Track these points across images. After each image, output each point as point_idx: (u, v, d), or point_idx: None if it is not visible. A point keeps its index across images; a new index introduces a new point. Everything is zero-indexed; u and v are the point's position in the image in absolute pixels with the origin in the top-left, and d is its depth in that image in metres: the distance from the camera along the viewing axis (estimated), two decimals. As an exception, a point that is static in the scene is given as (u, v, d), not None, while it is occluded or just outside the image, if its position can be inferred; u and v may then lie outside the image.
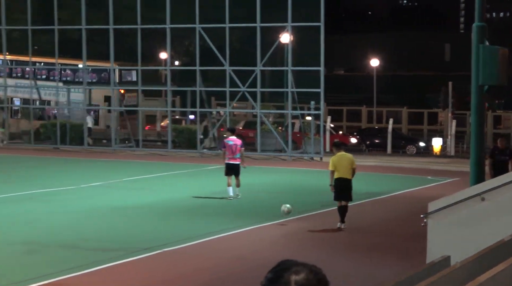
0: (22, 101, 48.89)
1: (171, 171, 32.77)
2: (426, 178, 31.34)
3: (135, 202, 23.50)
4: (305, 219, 21.23)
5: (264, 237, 18.67)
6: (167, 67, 44.11)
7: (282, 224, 20.23)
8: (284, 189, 27.58)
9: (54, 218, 20.63)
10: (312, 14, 38.93)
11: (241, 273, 14.87)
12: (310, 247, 17.35)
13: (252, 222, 20.36)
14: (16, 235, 18.09)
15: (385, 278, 13.44)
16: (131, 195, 25.10)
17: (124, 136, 44.44)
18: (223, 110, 42.95)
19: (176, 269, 15.26)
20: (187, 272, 15.05)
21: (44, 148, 42.75)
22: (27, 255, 16.15)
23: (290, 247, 17.25)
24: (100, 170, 32.96)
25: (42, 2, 49.35)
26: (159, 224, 19.95)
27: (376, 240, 18.70)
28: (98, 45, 55.45)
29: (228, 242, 18.01)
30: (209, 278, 14.62)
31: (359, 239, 18.81)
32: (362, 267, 15.55)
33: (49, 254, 16.27)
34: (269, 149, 39.95)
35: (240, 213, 21.88)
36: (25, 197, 24.42)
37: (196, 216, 21.17)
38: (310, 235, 18.95)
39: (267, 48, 39.23)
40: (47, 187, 26.48)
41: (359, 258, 16.52)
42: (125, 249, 16.50)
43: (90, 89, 45.96)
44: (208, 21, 43.52)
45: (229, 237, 18.52)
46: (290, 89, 38.74)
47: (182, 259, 16.04)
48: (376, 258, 16.55)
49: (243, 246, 17.56)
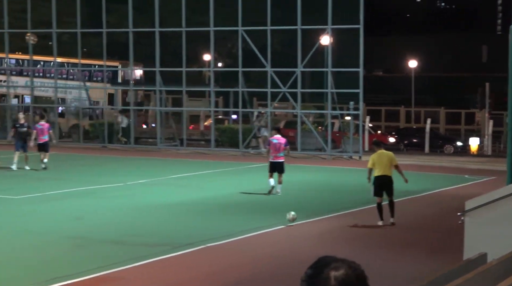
0: (70, 101, 49.35)
1: (214, 169, 32.81)
2: (463, 177, 31.02)
3: (179, 199, 23.57)
4: (343, 216, 21.12)
5: (302, 234, 18.59)
6: (211, 69, 44.21)
7: (320, 222, 20.15)
8: (323, 187, 27.50)
9: (102, 214, 20.76)
10: (351, 16, 38.72)
11: (278, 269, 14.81)
12: (347, 244, 17.24)
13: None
14: (65, 231, 18.23)
15: (421, 274, 13.29)
16: (176, 192, 25.18)
17: (169, 135, 44.67)
18: (264, 110, 42.90)
19: (216, 264, 15.25)
20: (226, 267, 15.04)
21: (92, 146, 43.08)
22: (75, 249, 16.26)
23: (327, 244, 17.16)
24: (146, 168, 33.11)
25: (91, 7, 49.69)
26: (202, 220, 19.97)
27: (414, 237, 18.55)
28: (144, 47, 55.76)
29: (266, 239, 17.98)
30: (248, 273, 14.59)
31: (397, 236, 18.67)
32: (399, 264, 15.41)
33: (96, 249, 16.36)
34: (309, 148, 39.83)
35: (279, 211, 21.80)
36: (74, 194, 24.61)
37: (237, 213, 21.17)
38: (347, 233, 18.84)
39: (308, 50, 39.09)
40: (95, 184, 26.66)
41: (396, 254, 16.39)
42: (169, 244, 16.54)
43: (137, 89, 46.24)
44: (250, 23, 43.53)
45: (267, 234, 18.48)
46: (330, 90, 38.59)
47: (222, 255, 16.03)
48: (413, 254, 16.40)
49: (280, 243, 17.51)
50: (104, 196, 24.19)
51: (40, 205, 22.28)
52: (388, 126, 55.19)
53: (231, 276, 14.41)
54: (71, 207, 21.81)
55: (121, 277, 14.06)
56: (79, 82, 46.30)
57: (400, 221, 20.14)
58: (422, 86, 72.45)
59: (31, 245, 16.67)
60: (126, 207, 21.97)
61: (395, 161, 19.80)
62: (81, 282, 13.56)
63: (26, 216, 20.32)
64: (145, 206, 22.16)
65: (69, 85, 47.80)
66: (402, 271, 14.69)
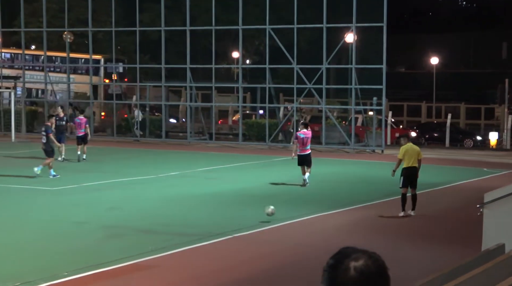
0: (105, 96, 49.72)
1: (242, 162, 32.90)
2: (482, 170, 30.88)
3: (209, 190, 23.66)
4: (366, 208, 21.12)
5: (327, 225, 18.62)
6: (239, 65, 44.38)
7: (345, 213, 20.18)
8: (347, 179, 27.50)
9: (134, 205, 20.90)
10: (375, 15, 38.62)
11: (304, 260, 14.85)
12: (371, 234, 17.25)
13: (316, 210, 20.34)
14: (99, 221, 18.38)
15: (442, 264, 13.30)
16: (205, 184, 25.28)
17: (198, 129, 44.87)
18: (290, 106, 42.92)
19: (245, 253, 15.32)
20: (256, 257, 15.11)
21: (125, 140, 43.33)
22: (110, 239, 16.40)
23: (351, 234, 17.17)
24: (176, 160, 33.27)
25: (125, 6, 49.99)
26: (231, 211, 20.04)
27: (434, 228, 18.53)
28: (175, 45, 55.97)
29: (294, 229, 18.02)
30: (278, 262, 14.64)
31: (418, 226, 18.65)
32: (421, 253, 15.40)
33: (130, 238, 16.49)
34: (333, 142, 39.80)
35: (306, 201, 21.88)
36: (108, 185, 24.80)
37: (265, 203, 21.19)
38: (370, 223, 18.85)
39: (333, 47, 39.07)
40: (128, 176, 26.84)
41: (417, 244, 16.37)
42: (199, 234, 16.62)
43: (168, 85, 46.44)
44: (277, 22, 43.60)
45: (294, 224, 18.52)
46: (354, 86, 38.54)
47: (251, 245, 16.08)
48: (434, 244, 16.38)
49: (307, 233, 17.55)
50: (137, 188, 24.36)
51: (77, 196, 22.46)
52: (410, 121, 54.98)
53: (261, 265, 14.47)
54: (106, 198, 21.97)
55: (153, 265, 14.16)
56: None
57: (421, 212, 20.11)
58: (443, 82, 72.00)
59: (69, 234, 16.84)
60: (158, 198, 22.11)
61: (421, 155, 20.04)
62: (115, 269, 13.68)
63: (64, 207, 20.51)
64: (176, 197, 22.29)
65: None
66: (423, 261, 14.68)
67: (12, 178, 25.91)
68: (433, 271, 10.90)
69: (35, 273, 13.22)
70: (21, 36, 47.25)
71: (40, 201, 21.47)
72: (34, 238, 16.34)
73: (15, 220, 18.57)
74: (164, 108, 44.07)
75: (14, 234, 16.88)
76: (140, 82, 44.65)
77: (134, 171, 28.38)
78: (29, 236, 16.57)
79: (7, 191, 23.11)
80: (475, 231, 15.52)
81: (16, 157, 32.96)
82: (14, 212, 19.83)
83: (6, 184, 24.52)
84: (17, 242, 16.00)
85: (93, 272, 13.42)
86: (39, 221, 18.37)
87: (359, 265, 3.14)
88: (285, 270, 14.12)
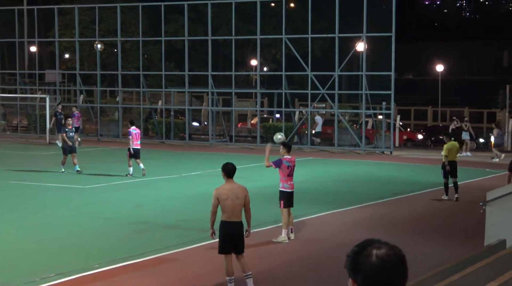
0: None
1: (260, 162, 32.78)
2: (485, 170, 30.66)
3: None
4: (376, 206, 21.03)
5: (338, 222, 18.55)
6: (257, 72, 44.34)
7: (355, 210, 20.09)
8: (358, 179, 27.38)
9: (159, 202, 20.92)
10: (384, 25, 38.47)
11: (317, 255, 14.80)
12: (380, 230, 17.15)
13: (328, 208, 20.27)
14: (126, 217, 18.40)
15: (447, 258, 13.19)
16: (226, 183, 25.18)
17: (219, 132, 44.92)
18: (305, 110, 42.83)
19: (260, 249, 15.28)
20: (274, 251, 15.07)
21: (152, 142, 43.39)
22: (136, 234, 16.42)
23: (363, 231, 17.07)
24: (199, 161, 33.26)
25: (152, 18, 50.11)
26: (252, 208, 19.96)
27: (440, 224, 18.40)
28: (198, 53, 56.05)
29: (306, 226, 17.95)
30: (296, 255, 14.60)
31: (425, 223, 18.54)
32: (427, 248, 15.29)
33: (154, 233, 16.50)
34: (345, 144, 39.69)
35: (318, 200, 21.81)
36: (134, 184, 24.84)
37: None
38: (380, 220, 18.74)
39: (344, 56, 38.96)
40: (154, 175, 26.86)
41: (424, 240, 16.27)
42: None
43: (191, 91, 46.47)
44: (293, 32, 43.54)
45: (307, 221, 18.46)
46: (364, 91, 38.40)
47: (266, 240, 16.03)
48: (439, 240, 16.27)
49: (319, 230, 17.49)
50: (161, 186, 24.38)
51: (106, 194, 22.52)
52: (417, 124, 54.70)
53: (279, 259, 14.44)
54: (132, 196, 22.01)
55: (176, 259, 14.16)
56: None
57: (429, 209, 19.99)
58: (448, 88, 71.65)
59: (98, 229, 16.87)
60: (181, 196, 22.11)
61: (459, 150, 22.30)
62: (141, 262, 13.70)
63: (94, 204, 20.55)
64: (198, 195, 22.26)
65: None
66: (429, 255, 14.58)
67: (46, 176, 26.02)
68: (439, 265, 10.82)
69: (67, 265, 13.24)
70: (55, 46, 47.46)
71: (73, 199, 21.51)
72: (67, 234, 16.38)
73: (50, 217, 18.64)
74: (188, 112, 44.06)
75: (48, 229, 16.94)
76: (165, 88, 44.80)
77: (159, 171, 28.39)
78: (62, 232, 16.61)
79: (44, 189, 23.20)
80: (478, 227, 15.41)
81: (49, 157, 33.06)
82: (51, 209, 19.87)
83: (40, 182, 24.62)
84: (50, 237, 16.06)
85: (121, 265, 13.46)
86: (73, 218, 18.38)
87: (381, 253, 3.21)
88: (306, 262, 14.08)
